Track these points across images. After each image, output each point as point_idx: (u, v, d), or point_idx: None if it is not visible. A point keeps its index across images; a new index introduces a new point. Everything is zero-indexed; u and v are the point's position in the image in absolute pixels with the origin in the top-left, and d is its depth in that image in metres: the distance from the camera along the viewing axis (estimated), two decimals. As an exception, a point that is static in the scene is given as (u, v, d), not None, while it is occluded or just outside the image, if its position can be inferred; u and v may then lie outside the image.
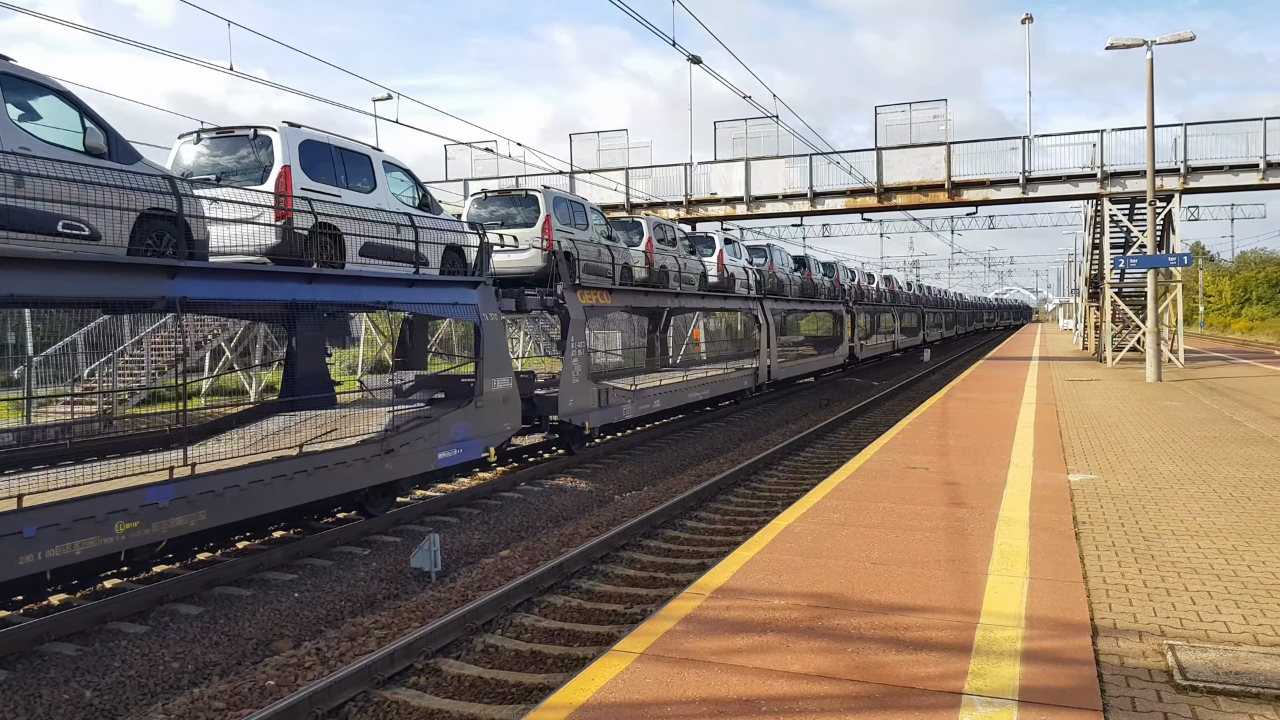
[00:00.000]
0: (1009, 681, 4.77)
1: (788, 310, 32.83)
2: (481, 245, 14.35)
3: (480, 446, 13.37)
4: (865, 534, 7.98)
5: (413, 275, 12.65)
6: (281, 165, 11.06)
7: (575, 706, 4.64)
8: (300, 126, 11.62)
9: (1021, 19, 35.06)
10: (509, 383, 14.19)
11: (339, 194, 11.83)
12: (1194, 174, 27.64)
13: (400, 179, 13.40)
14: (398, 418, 11.99)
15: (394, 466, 11.51)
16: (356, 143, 12.59)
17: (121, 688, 7.23)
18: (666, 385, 20.77)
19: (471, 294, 13.74)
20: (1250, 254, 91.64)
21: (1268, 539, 7.54)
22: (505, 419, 14.10)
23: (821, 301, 36.47)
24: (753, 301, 27.75)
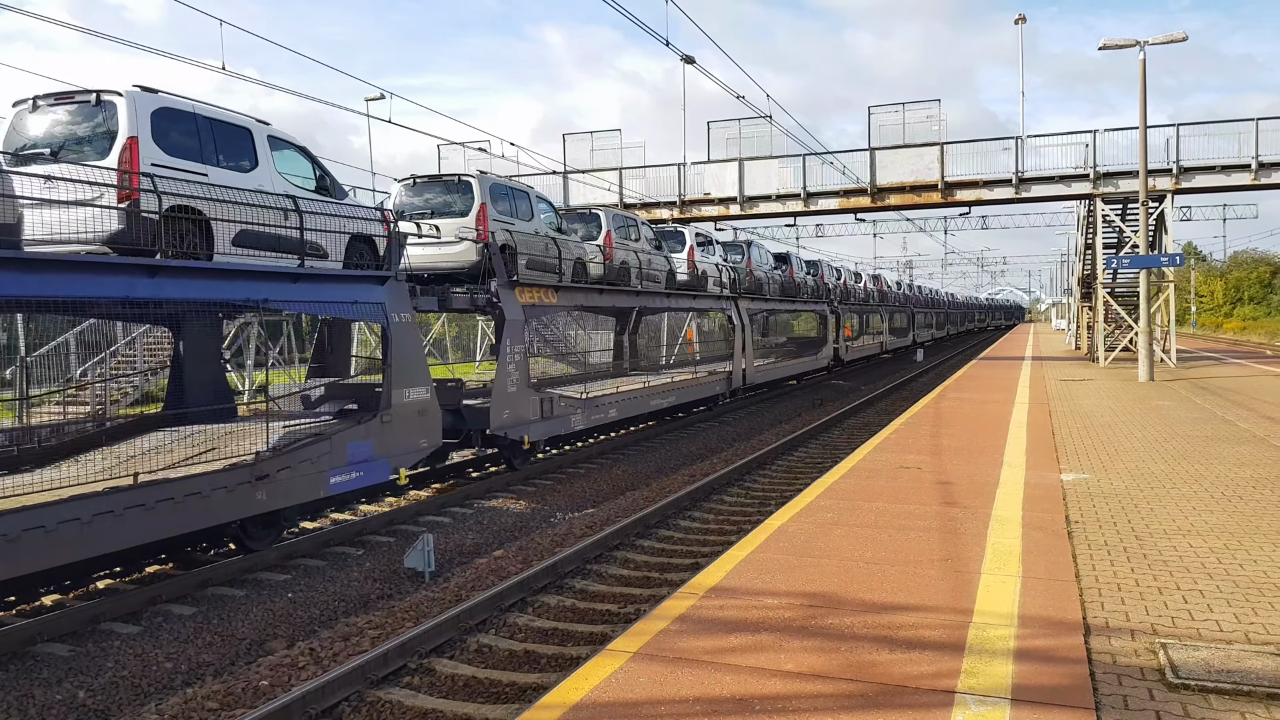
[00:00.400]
0: (1002, 680, 4.79)
1: (766, 310, 31.63)
2: (392, 236, 12.51)
3: (387, 467, 11.59)
4: (858, 533, 8.00)
5: (296, 269, 10.73)
6: (127, 136, 9.36)
7: (569, 706, 4.64)
8: (158, 92, 9.92)
9: (1015, 19, 35.12)
10: (426, 393, 12.39)
11: (205, 172, 10.01)
12: (1186, 174, 27.74)
13: (292, 157, 11.62)
14: (283, 435, 10.48)
15: (269, 496, 9.71)
16: (235, 114, 10.85)
17: (114, 688, 7.22)
18: (626, 393, 18.99)
19: (376, 291, 11.91)
20: (1243, 254, 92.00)
21: (1259, 538, 7.57)
22: (420, 435, 12.29)
23: (804, 301, 35.24)
24: (726, 301, 26.34)
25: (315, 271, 11.03)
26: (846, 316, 40.37)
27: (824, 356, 35.62)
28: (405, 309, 12.35)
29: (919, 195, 29.99)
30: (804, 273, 36.09)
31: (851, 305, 42.34)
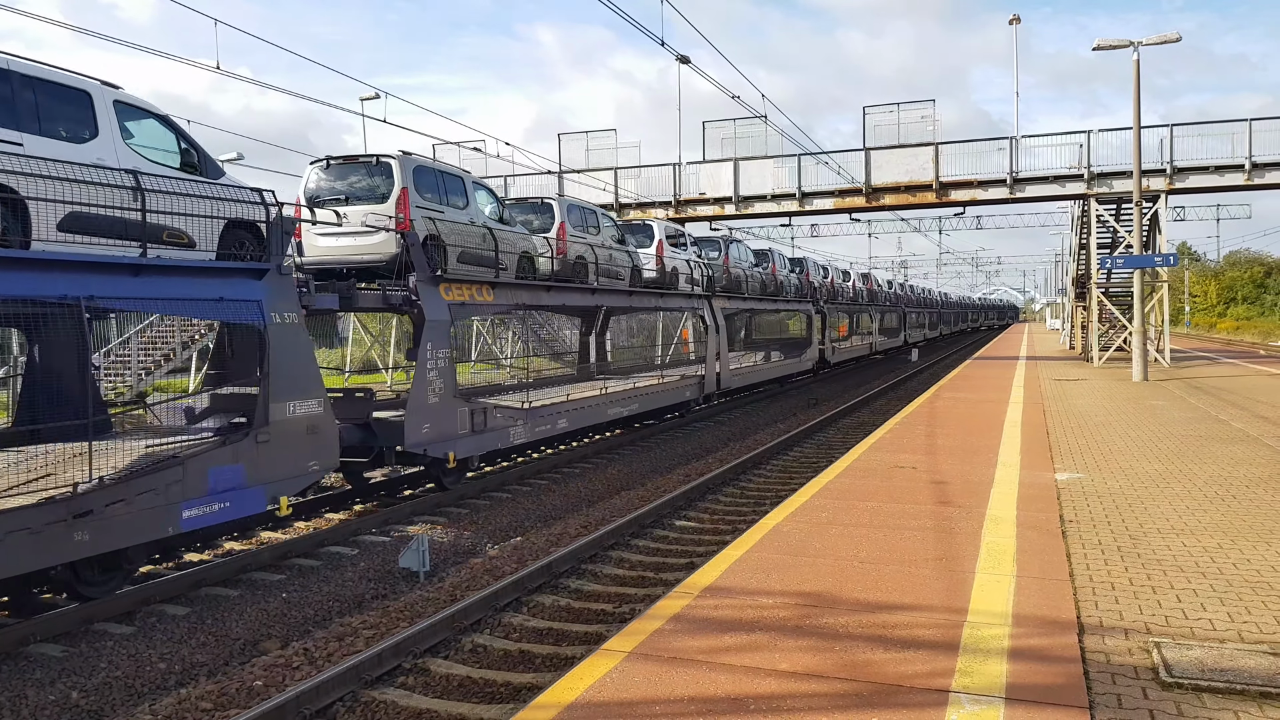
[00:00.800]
0: (996, 679, 4.79)
1: (745, 310, 30.03)
2: (275, 223, 10.61)
3: (263, 496, 9.85)
4: (853, 533, 8.00)
5: (137, 259, 8.91)
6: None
7: (564, 705, 4.64)
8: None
9: (1009, 19, 35.16)
10: (317, 406, 10.65)
11: (20, 141, 8.39)
12: (1180, 174, 27.81)
13: (149, 128, 9.95)
14: (138, 459, 8.77)
15: (96, 536, 7.97)
16: (71, 74, 9.18)
17: (108, 688, 7.20)
18: (578, 401, 17.07)
19: (251, 286, 10.03)
20: (1237, 254, 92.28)
21: (1253, 537, 7.59)
22: (310, 456, 10.54)
23: (786, 300, 33.41)
24: (698, 300, 24.51)
25: (165, 263, 9.22)
26: (834, 316, 39.16)
27: (809, 358, 34.29)
28: (291, 308, 10.54)
29: (914, 195, 30.04)
30: (787, 270, 34.37)
31: (839, 305, 41.01)
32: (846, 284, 43.93)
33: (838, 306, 40.39)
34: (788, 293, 33.30)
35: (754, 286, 29.52)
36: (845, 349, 41.25)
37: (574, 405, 16.86)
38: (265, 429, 9.94)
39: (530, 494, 14.31)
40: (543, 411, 15.70)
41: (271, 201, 10.65)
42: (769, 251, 33.07)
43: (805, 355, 33.99)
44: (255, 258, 10.43)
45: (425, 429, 12.62)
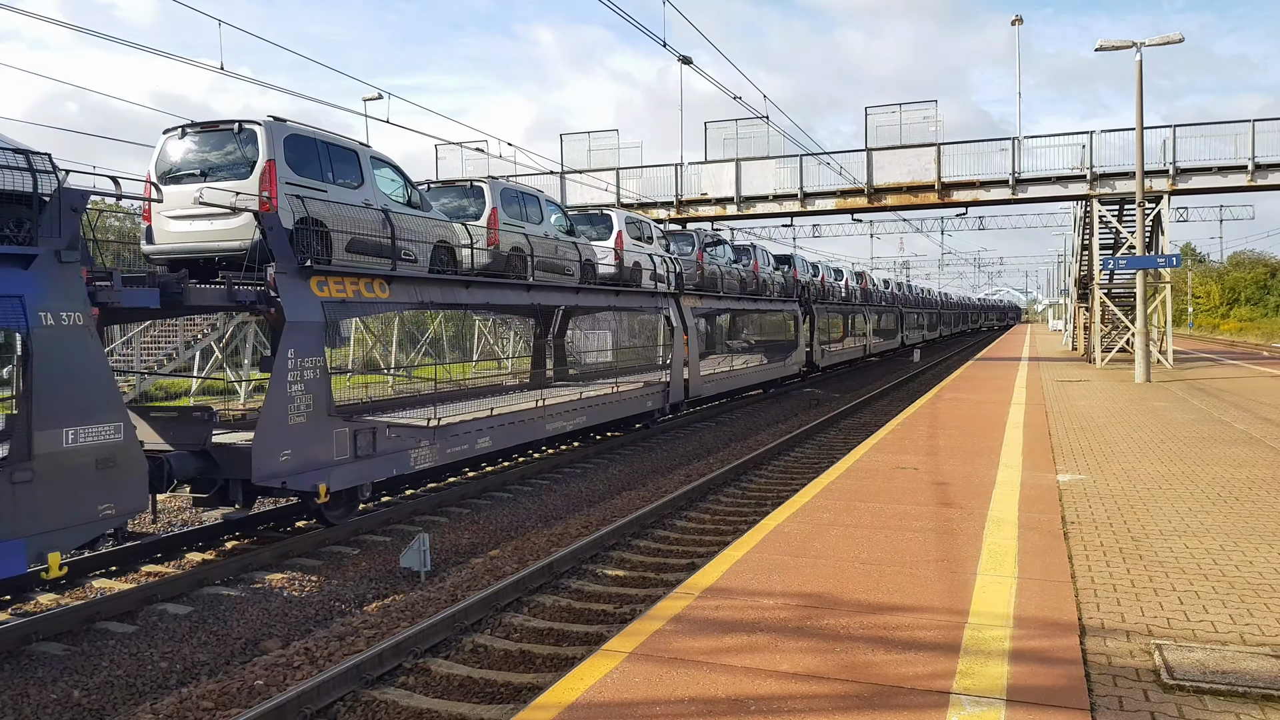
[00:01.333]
0: (997, 681, 4.79)
1: (721, 310, 28.24)
2: (54, 199, 8.30)
3: (21, 554, 7.78)
4: (854, 534, 8.00)
5: None
6: None
7: (564, 706, 4.64)
8: None
9: (1011, 20, 35.15)
10: (111, 433, 8.52)
11: None
12: (1183, 175, 27.79)
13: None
14: None
15: None
16: None
17: (109, 687, 7.21)
18: (506, 415, 14.72)
19: (11, 278, 7.93)
20: (1240, 255, 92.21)
21: (1255, 539, 7.58)
22: (100, 498, 8.42)
23: (770, 300, 31.40)
24: (664, 299, 22.07)
25: None
26: (824, 317, 37.16)
27: (794, 362, 32.28)
28: (72, 305, 8.37)
29: (916, 196, 30.03)
30: (771, 268, 32.20)
31: (830, 305, 38.92)
32: (838, 283, 42.02)
33: (828, 307, 38.39)
34: (771, 292, 31.45)
35: (732, 285, 27.63)
36: (836, 352, 38.93)
37: (500, 420, 14.53)
38: (26, 465, 7.79)
39: (531, 494, 14.31)
40: (457, 430, 13.46)
41: (44, 168, 8.27)
42: (751, 247, 31.10)
43: (791, 359, 32.07)
44: (25, 241, 8.13)
45: (284, 456, 10.37)
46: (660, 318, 22.73)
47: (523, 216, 16.68)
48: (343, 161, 12.34)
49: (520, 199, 16.86)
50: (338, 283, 11.66)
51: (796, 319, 33.26)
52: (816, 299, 36.24)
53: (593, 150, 33.50)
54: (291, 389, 10.58)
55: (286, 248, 10.80)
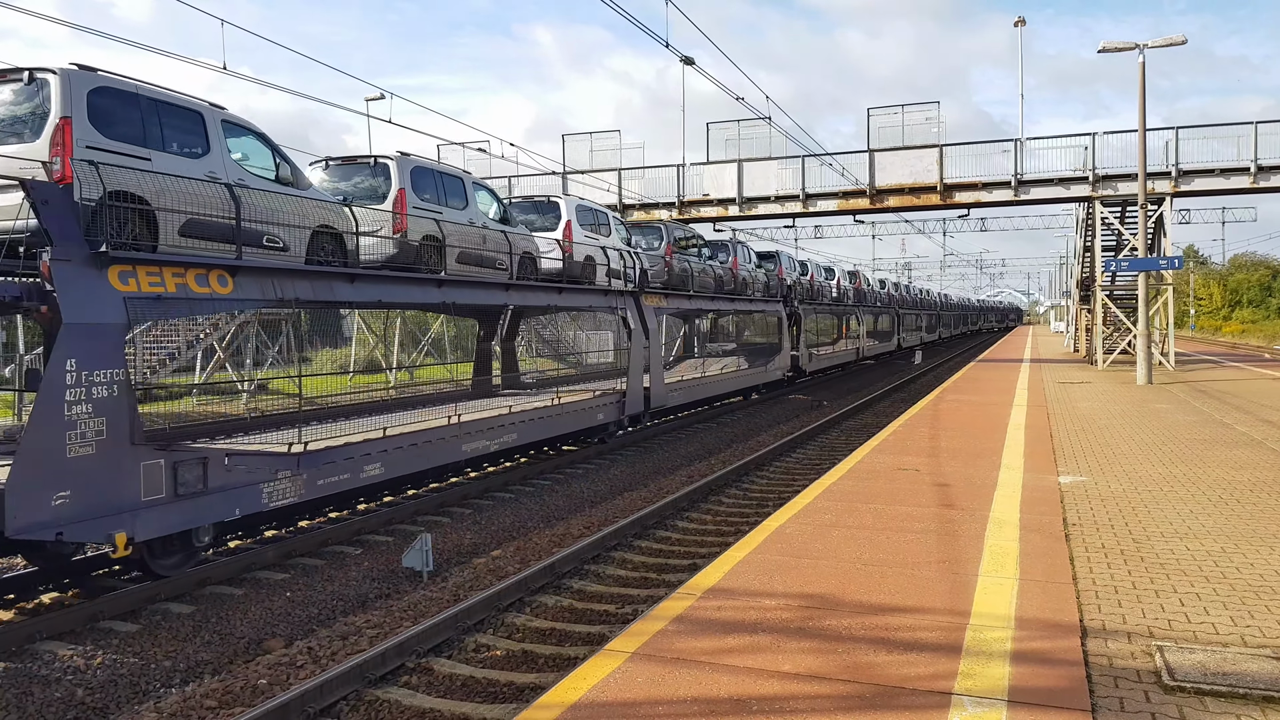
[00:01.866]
0: (999, 682, 4.81)
1: (693, 311, 26.36)
2: None
3: None
4: (856, 535, 8.01)
5: None
6: None
7: (567, 705, 4.66)
8: None
9: (1014, 22, 35.15)
10: None
11: None
12: (1185, 177, 27.80)
13: None
14: None
15: None
16: None
17: (113, 686, 7.22)
18: (404, 436, 12.22)
19: None
20: (1242, 257, 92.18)
21: (1256, 541, 7.59)
22: None
23: (750, 300, 29.47)
24: (620, 297, 19.70)
25: None
26: (811, 318, 35.11)
27: (778, 366, 30.35)
28: None
29: (918, 197, 30.05)
30: (752, 265, 30.16)
31: (820, 305, 37.10)
32: (829, 282, 40.14)
33: (816, 307, 36.55)
34: (753, 291, 29.51)
35: (706, 283, 25.48)
36: (825, 355, 36.48)
37: (397, 443, 12.04)
38: None
39: (533, 494, 14.33)
40: (334, 456, 10.99)
41: None
42: (730, 243, 29.31)
43: (774, 363, 30.10)
44: None
45: (59, 500, 7.95)
46: (616, 319, 20.17)
47: (441, 200, 14.64)
48: (176, 126, 10.10)
49: (439, 180, 14.77)
50: (153, 274, 9.15)
51: (781, 320, 31.39)
52: (804, 299, 34.68)
53: (595, 151, 33.54)
54: (72, 411, 8.11)
55: (73, 229, 8.48)
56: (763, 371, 29.19)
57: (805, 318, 33.94)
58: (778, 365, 30.34)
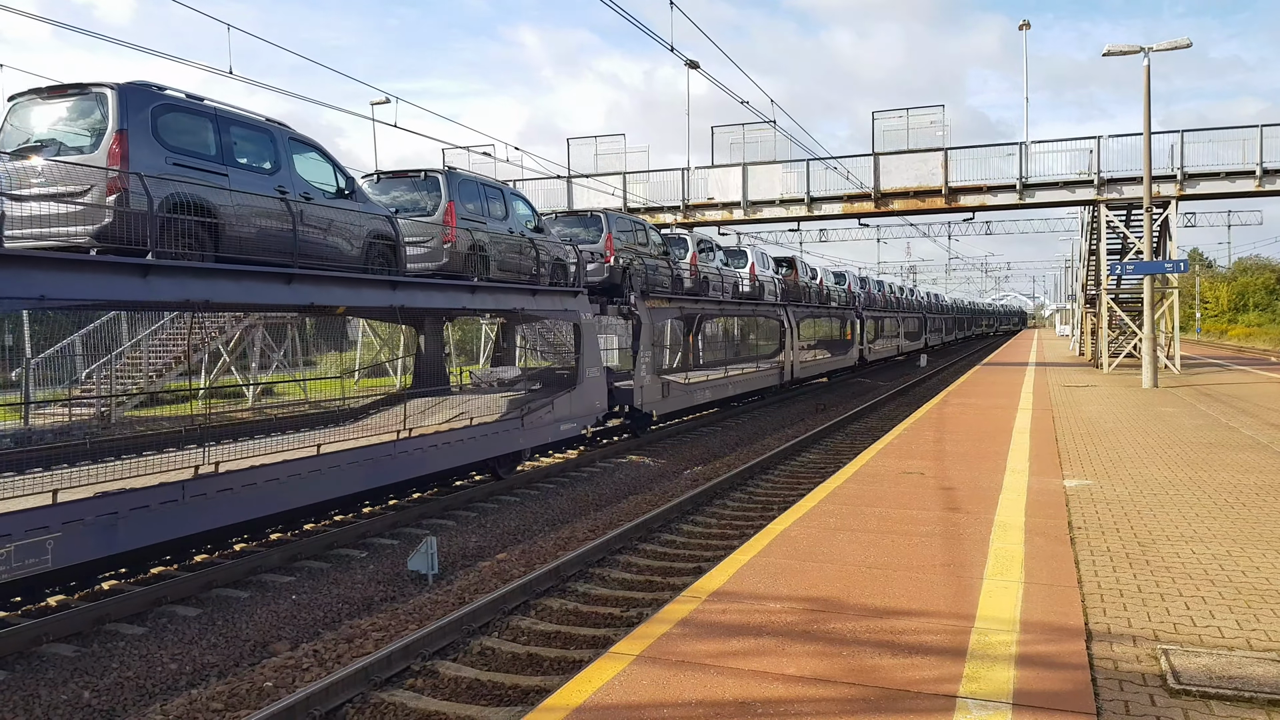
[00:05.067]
0: (1003, 685, 4.81)
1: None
2: None
3: None
4: (861, 538, 8.02)
5: None
6: None
7: (572, 708, 4.66)
8: None
9: (1019, 25, 35.13)
10: None
11: None
12: (1190, 180, 27.77)
13: None
14: None
15: None
16: None
17: (120, 688, 7.25)
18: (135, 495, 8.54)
19: None
20: (1248, 260, 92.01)
21: (1262, 545, 7.58)
22: None
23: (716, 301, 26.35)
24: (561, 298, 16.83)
25: None
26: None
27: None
28: None
29: (923, 200, 30.05)
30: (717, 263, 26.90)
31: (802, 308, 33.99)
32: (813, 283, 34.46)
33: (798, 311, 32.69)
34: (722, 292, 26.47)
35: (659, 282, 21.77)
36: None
37: (127, 502, 8.48)
38: None
39: (538, 498, 14.34)
40: (83, 514, 8.06)
41: None
42: (688, 239, 25.56)
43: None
44: None
45: None
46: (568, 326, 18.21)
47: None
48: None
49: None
50: None
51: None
52: (791, 301, 32.68)
53: (600, 155, 33.60)
54: None
55: None
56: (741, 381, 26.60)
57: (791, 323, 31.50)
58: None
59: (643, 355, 19.80)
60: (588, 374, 17.01)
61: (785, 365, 30.88)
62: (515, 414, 14.89)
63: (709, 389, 24.02)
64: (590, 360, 17.16)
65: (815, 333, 39.35)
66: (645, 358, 19.90)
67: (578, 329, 17.17)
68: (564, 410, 16.15)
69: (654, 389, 20.34)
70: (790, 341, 31.51)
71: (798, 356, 32.86)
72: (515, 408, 15.23)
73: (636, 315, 19.99)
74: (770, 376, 29.80)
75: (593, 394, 17.17)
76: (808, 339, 36.67)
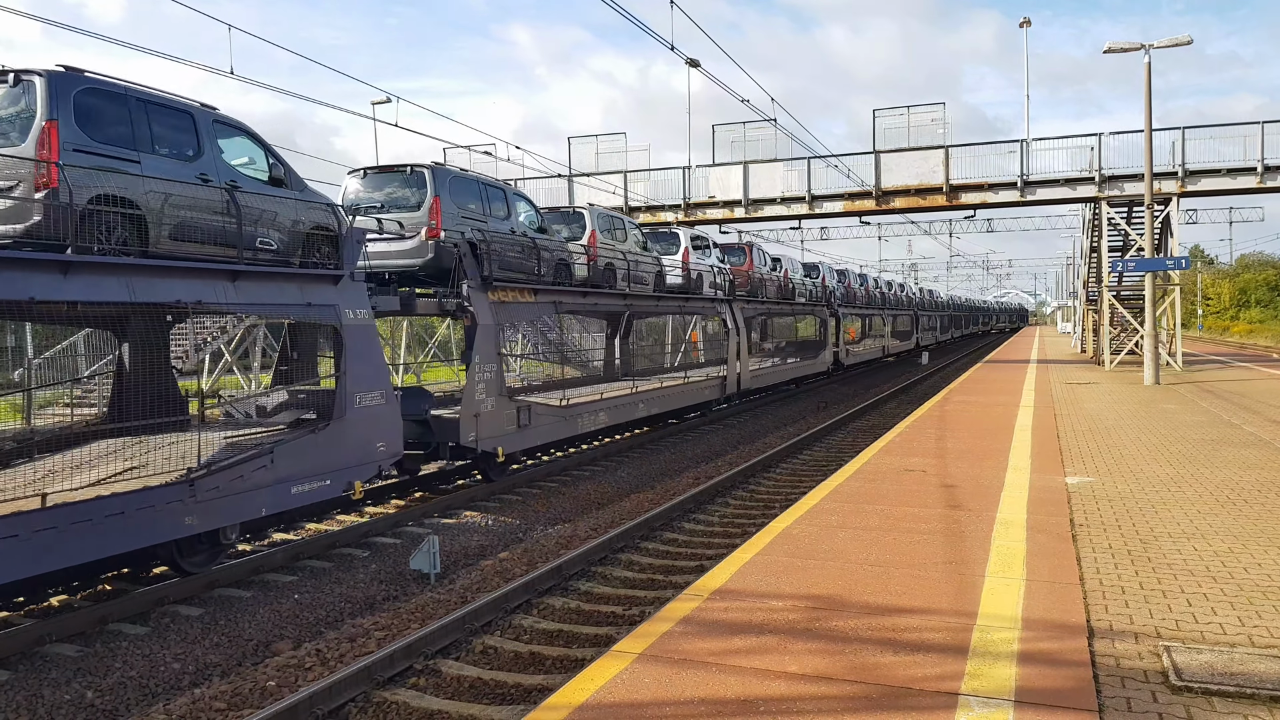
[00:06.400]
0: (1005, 682, 4.81)
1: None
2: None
3: None
4: (863, 536, 8.02)
5: None
6: None
7: (574, 707, 4.67)
8: None
9: (1019, 22, 35.13)
10: None
11: None
12: (1192, 177, 27.74)
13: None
14: None
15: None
16: None
17: (123, 688, 7.26)
18: None
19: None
20: (1250, 257, 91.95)
21: (1264, 541, 7.58)
22: None
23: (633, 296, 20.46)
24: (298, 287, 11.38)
25: None
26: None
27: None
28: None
29: (924, 198, 30.04)
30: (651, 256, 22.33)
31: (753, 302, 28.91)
32: (701, 263, 25.16)
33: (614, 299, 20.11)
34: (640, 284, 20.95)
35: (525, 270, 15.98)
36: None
37: None
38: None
39: (540, 496, 14.34)
40: None
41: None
42: (587, 208, 20.27)
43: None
44: None
45: None
46: None
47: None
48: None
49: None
50: None
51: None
52: (739, 296, 27.41)
53: (601, 153, 33.60)
54: None
55: None
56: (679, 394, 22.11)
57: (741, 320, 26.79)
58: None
59: (480, 369, 14.00)
60: (357, 402, 11.35)
61: (731, 374, 25.13)
62: (179, 477, 8.91)
63: (605, 410, 17.88)
64: (363, 381, 11.47)
65: (776, 334, 36.46)
66: (484, 373, 14.12)
67: (338, 335, 11.31)
68: (300, 461, 10.34)
69: (499, 417, 14.39)
70: (737, 344, 25.75)
71: (747, 363, 26.91)
72: (176, 465, 9.04)
73: (470, 312, 14.06)
74: (708, 389, 23.83)
75: (366, 432, 11.47)
76: (769, 341, 34.66)
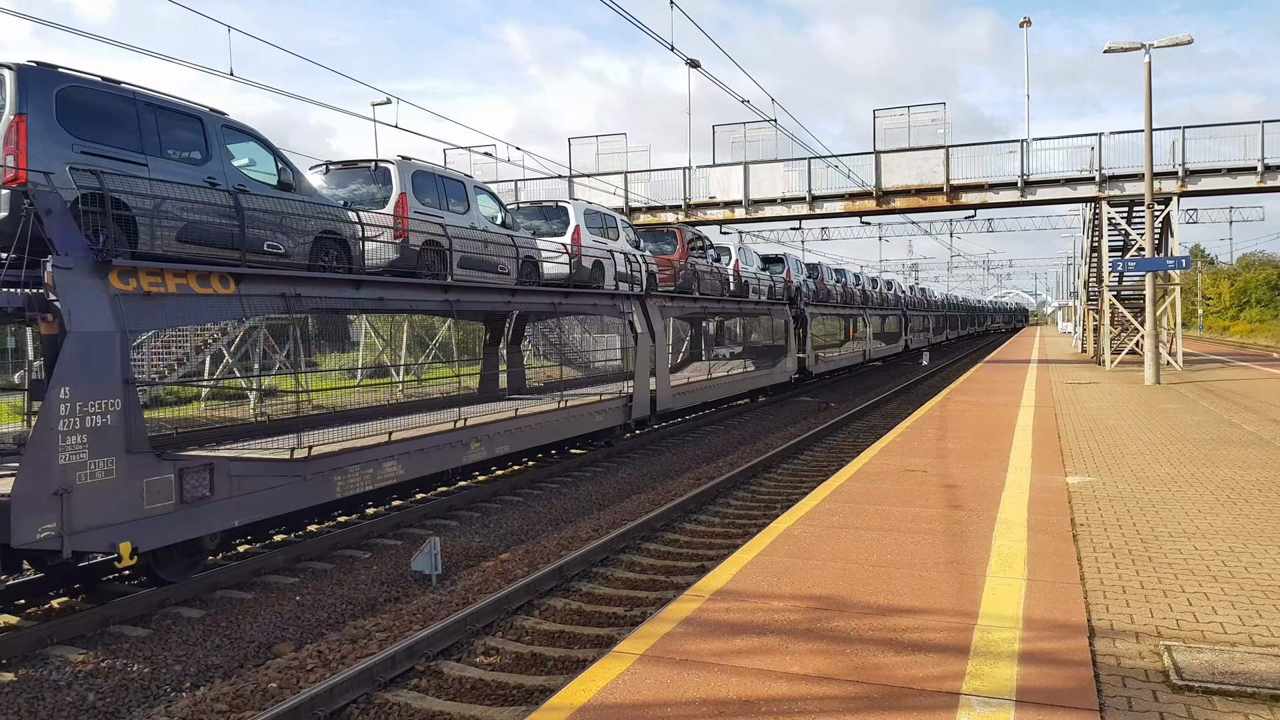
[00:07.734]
0: (1006, 682, 4.82)
1: None
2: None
3: None
4: (864, 536, 8.02)
5: None
6: None
7: (576, 708, 4.68)
8: None
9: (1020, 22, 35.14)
10: None
11: None
12: (1192, 177, 27.74)
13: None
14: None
15: None
16: None
17: (124, 690, 7.27)
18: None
19: None
20: (1250, 256, 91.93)
21: (1264, 541, 7.58)
22: None
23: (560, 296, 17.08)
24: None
25: None
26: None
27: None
28: None
29: (924, 199, 30.05)
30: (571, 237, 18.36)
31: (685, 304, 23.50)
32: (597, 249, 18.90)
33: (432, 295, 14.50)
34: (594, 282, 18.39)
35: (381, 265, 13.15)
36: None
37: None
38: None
39: (541, 497, 14.35)
40: None
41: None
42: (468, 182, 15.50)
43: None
44: None
45: None
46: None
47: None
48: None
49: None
50: None
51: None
52: (659, 293, 21.68)
53: (601, 154, 33.63)
54: None
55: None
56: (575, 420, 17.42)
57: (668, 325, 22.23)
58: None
59: (71, 407, 7.97)
60: None
61: (640, 392, 19.22)
62: None
63: (397, 459, 12.02)
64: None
65: (715, 339, 32.32)
66: (84, 414, 8.10)
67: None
68: None
69: (125, 490, 8.37)
70: (651, 354, 19.88)
71: (667, 377, 21.18)
72: None
73: (57, 308, 8.08)
74: (603, 414, 17.97)
75: None
76: (710, 347, 30.73)
